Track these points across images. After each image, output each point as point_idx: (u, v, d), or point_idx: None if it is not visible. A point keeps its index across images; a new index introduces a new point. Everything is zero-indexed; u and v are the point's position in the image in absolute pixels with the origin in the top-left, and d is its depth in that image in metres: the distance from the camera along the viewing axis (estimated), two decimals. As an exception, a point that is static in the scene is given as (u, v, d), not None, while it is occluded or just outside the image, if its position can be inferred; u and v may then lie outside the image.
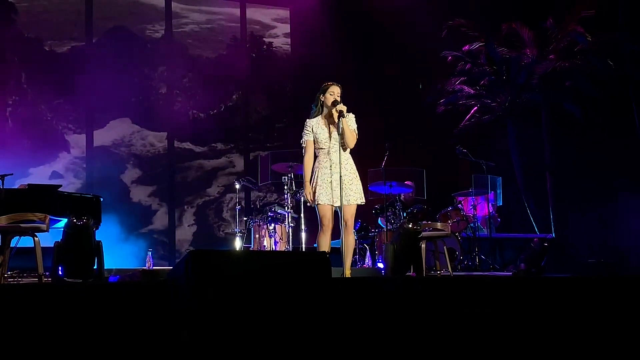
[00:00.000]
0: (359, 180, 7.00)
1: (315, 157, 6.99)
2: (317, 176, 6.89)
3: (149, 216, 12.83)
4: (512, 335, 5.72)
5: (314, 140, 6.94)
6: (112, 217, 10.95)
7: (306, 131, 6.98)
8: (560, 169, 13.44)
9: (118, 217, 11.62)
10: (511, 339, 5.70)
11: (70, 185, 11.91)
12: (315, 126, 6.95)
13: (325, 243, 6.80)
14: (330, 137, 6.91)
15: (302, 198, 7.16)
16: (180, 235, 12.99)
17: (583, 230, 12.48)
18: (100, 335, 4.90)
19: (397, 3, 12.87)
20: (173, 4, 13.40)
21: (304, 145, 7.00)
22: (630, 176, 12.25)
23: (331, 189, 6.81)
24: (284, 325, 5.05)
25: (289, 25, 14.13)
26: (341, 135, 6.81)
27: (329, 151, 6.90)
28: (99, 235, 7.36)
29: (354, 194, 6.88)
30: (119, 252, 11.01)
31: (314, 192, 6.86)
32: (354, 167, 6.98)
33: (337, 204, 6.81)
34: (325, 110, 6.97)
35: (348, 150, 6.93)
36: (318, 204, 6.84)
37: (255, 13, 14.00)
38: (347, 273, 6.87)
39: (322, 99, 6.97)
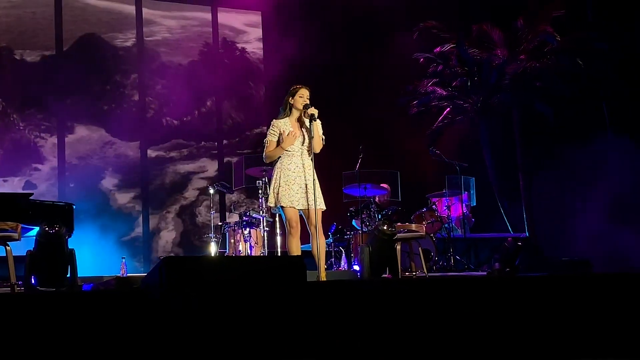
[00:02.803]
0: None
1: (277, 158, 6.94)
2: (280, 177, 6.84)
3: (127, 223, 12.74)
4: (488, 333, 5.75)
5: (278, 142, 6.90)
6: (89, 225, 10.88)
7: (272, 132, 6.90)
8: (532, 168, 13.55)
9: (96, 225, 11.55)
10: (486, 338, 5.74)
11: (43, 194, 11.79)
12: (283, 127, 6.89)
13: (296, 246, 6.78)
14: (303, 140, 6.89)
15: (268, 202, 7.07)
16: (156, 241, 12.93)
17: (556, 229, 12.58)
18: (74, 344, 4.86)
19: (369, 6, 12.93)
20: (144, 11, 13.32)
21: (266, 145, 6.96)
22: (600, 175, 12.36)
23: (297, 192, 6.77)
24: (260, 330, 5.05)
25: (260, 30, 14.12)
26: (312, 138, 6.80)
27: (295, 154, 6.85)
28: (77, 243, 7.33)
29: (320, 199, 6.86)
30: (97, 259, 10.95)
31: (277, 194, 6.83)
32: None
33: (300, 207, 6.79)
34: (294, 113, 6.95)
35: (312, 155, 6.92)
36: (282, 206, 6.79)
37: (227, 18, 13.97)
38: (323, 276, 6.86)
39: (292, 102, 6.91)
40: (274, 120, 6.97)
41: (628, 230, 11.64)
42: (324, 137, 6.95)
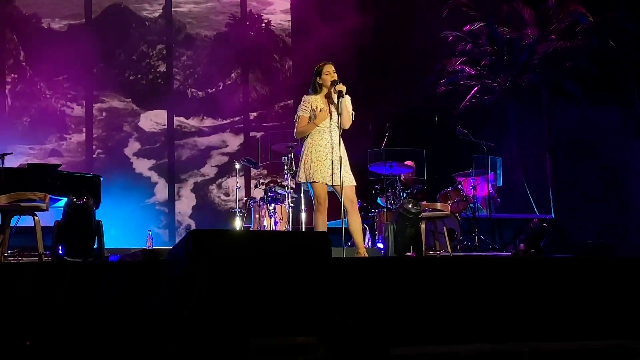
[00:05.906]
0: None
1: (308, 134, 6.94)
2: (311, 153, 6.84)
3: (150, 192, 12.81)
4: (511, 315, 5.73)
5: (309, 118, 6.89)
6: (115, 195, 10.94)
7: (304, 107, 6.91)
8: (560, 149, 13.44)
9: (121, 194, 11.59)
10: (510, 319, 5.72)
11: (68, 163, 11.88)
12: (315, 103, 6.89)
13: (322, 222, 6.80)
14: (330, 116, 6.88)
15: (299, 178, 7.06)
16: (180, 212, 12.99)
17: (582, 211, 12.49)
18: (100, 314, 4.91)
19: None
20: (172, -18, 13.32)
21: (297, 121, 6.96)
22: (630, 156, 12.25)
23: (329, 168, 6.78)
24: (283, 305, 5.06)
25: (289, 2, 14.03)
26: (340, 115, 6.79)
27: (325, 130, 6.86)
28: (103, 214, 7.39)
29: (350, 175, 6.88)
30: (124, 230, 11.05)
31: (310, 170, 6.83)
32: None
33: (332, 182, 6.80)
34: (324, 91, 6.93)
35: (341, 131, 6.89)
36: (314, 181, 6.80)
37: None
38: (363, 252, 6.89)
39: (320, 81, 6.92)
40: (305, 96, 6.98)
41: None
42: (354, 113, 6.95)
